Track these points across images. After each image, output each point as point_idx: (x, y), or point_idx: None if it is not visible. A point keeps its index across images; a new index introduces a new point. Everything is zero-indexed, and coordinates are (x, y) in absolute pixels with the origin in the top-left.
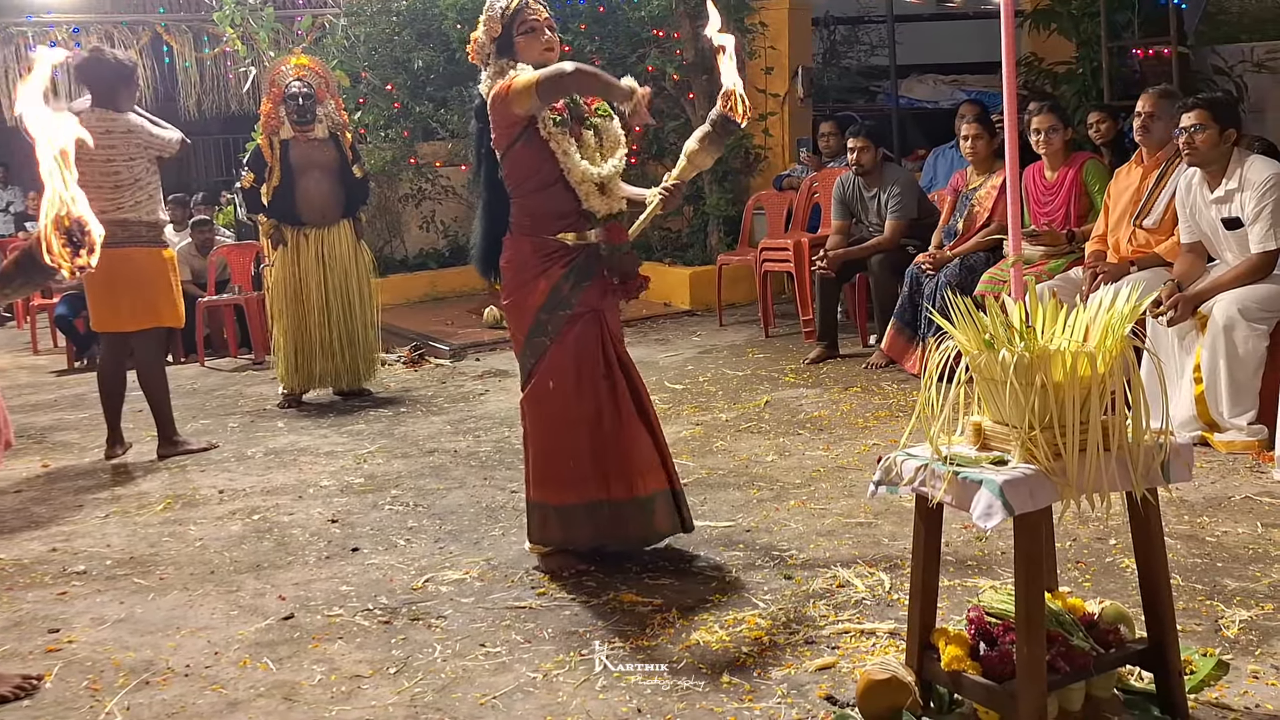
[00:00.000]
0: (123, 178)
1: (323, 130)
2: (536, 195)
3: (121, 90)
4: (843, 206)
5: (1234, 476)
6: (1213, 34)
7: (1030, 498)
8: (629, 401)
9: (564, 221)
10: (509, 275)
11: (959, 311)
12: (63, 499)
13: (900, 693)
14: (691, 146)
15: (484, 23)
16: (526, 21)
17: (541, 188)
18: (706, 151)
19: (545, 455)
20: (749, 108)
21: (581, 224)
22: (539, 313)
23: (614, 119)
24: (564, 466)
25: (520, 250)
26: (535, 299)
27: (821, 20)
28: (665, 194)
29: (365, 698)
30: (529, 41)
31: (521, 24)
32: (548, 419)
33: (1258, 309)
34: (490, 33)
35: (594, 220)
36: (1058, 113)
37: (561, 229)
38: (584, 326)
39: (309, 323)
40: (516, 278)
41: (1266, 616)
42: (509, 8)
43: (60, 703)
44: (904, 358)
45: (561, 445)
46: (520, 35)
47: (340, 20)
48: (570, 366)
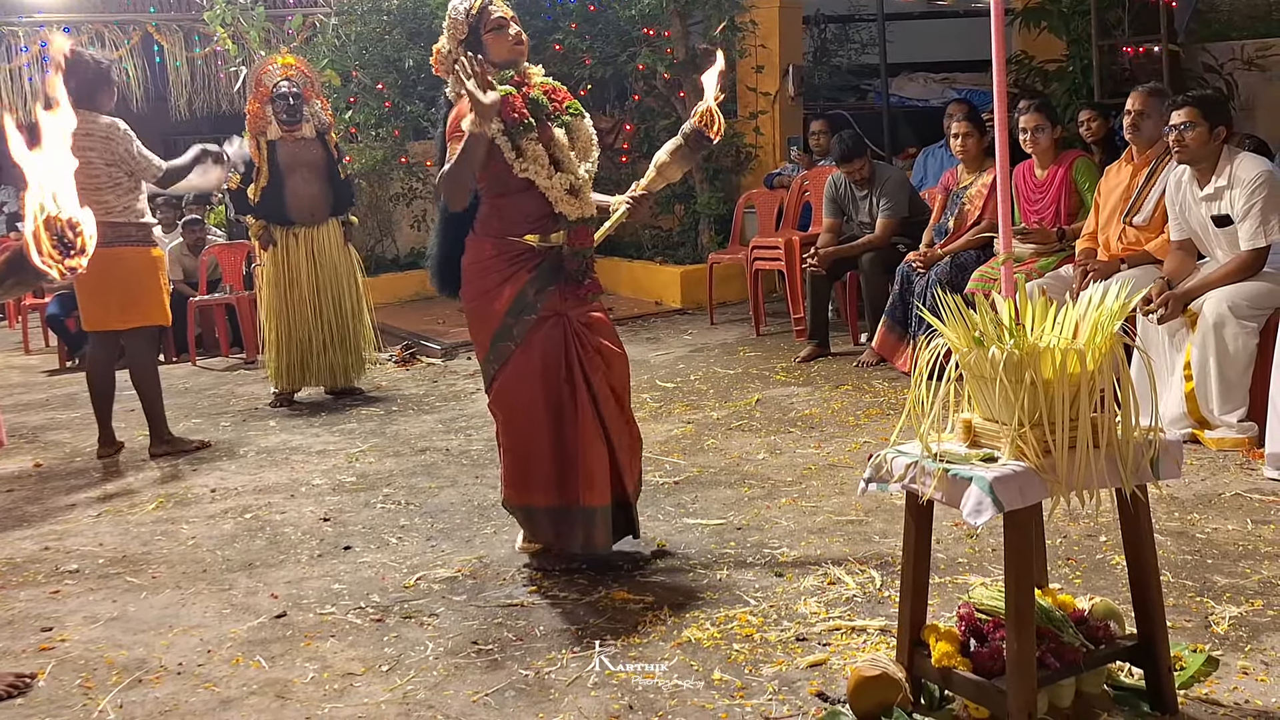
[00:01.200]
0: (102, 180)
1: (310, 130)
2: (507, 199)
3: (101, 90)
4: (834, 205)
5: (1224, 474)
6: (1203, 32)
7: (1020, 494)
8: (589, 409)
9: (532, 224)
10: (471, 279)
11: (949, 309)
12: (55, 498)
13: (891, 689)
14: (662, 158)
15: (448, 29)
16: (493, 19)
17: (512, 192)
18: (677, 164)
19: (516, 458)
20: (722, 125)
21: (549, 226)
22: (505, 318)
23: (584, 118)
24: (536, 470)
25: (483, 253)
26: (501, 304)
27: (812, 18)
28: (631, 203)
29: (357, 695)
30: (497, 38)
31: (488, 22)
32: (517, 423)
33: (1247, 306)
34: (456, 35)
35: (564, 223)
36: (1046, 111)
37: (528, 231)
38: (548, 330)
39: (299, 321)
40: (480, 282)
41: (1256, 613)
42: (472, 9)
43: (53, 701)
44: (895, 356)
45: (530, 449)
46: (488, 33)
47: (331, 19)
48: (536, 370)
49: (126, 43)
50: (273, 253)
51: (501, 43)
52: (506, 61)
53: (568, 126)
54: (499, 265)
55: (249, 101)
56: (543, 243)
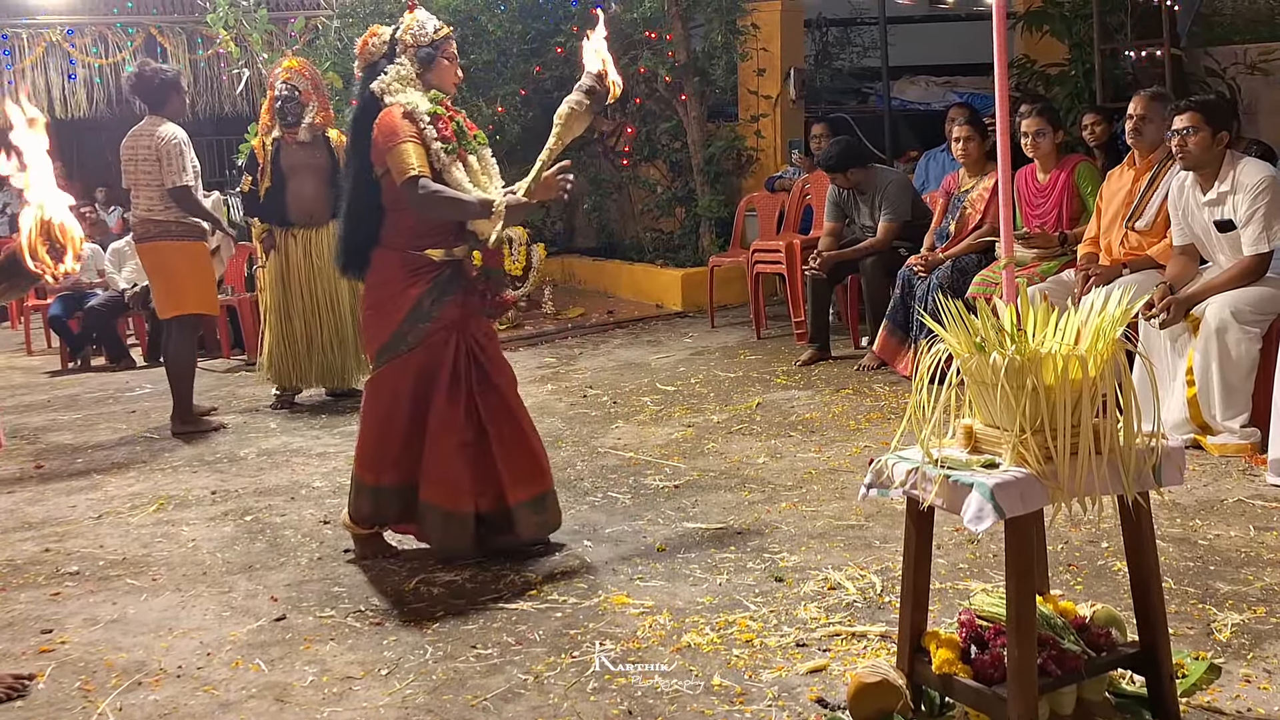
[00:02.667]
0: (152, 179)
1: (306, 133)
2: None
3: (171, 97)
4: (836, 208)
5: (1226, 479)
6: (1206, 35)
7: (1021, 501)
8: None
9: (435, 238)
10: (375, 287)
11: (950, 314)
12: (56, 500)
13: (891, 696)
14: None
15: (408, 28)
16: (450, 50)
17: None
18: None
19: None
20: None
21: (452, 241)
22: (402, 324)
23: (487, 147)
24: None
25: (388, 265)
26: (399, 313)
27: (814, 22)
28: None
29: (357, 699)
30: (448, 68)
31: (446, 51)
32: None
33: (1250, 311)
34: (417, 39)
35: (467, 238)
36: (1048, 115)
37: (431, 245)
38: (439, 339)
39: (299, 323)
40: (382, 290)
41: (1258, 620)
42: (439, 32)
43: (53, 703)
44: (896, 360)
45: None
46: (444, 59)
47: (334, 22)
48: (413, 368)
49: (129, 45)
50: (273, 254)
51: (449, 73)
52: (445, 89)
53: (478, 155)
54: (401, 276)
55: (264, 104)
56: (446, 256)
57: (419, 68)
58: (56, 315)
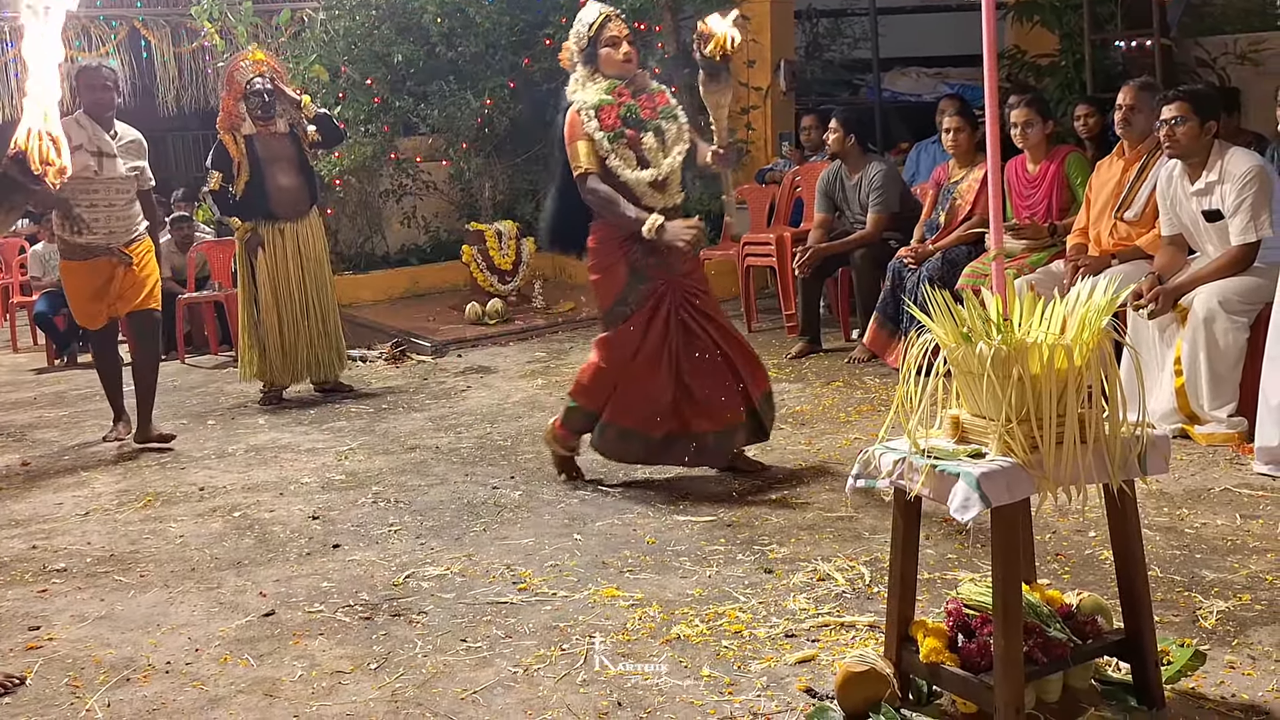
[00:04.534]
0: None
1: (283, 124)
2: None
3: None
4: (826, 199)
5: (1214, 469)
6: (1196, 26)
7: (1007, 490)
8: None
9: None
10: (597, 254)
11: (937, 305)
12: (43, 496)
13: (879, 685)
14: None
15: (573, 35)
16: (608, 36)
17: (614, 186)
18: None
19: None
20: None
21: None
22: (625, 287)
23: (677, 118)
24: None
25: (603, 234)
26: (621, 277)
27: (804, 13)
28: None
29: (346, 693)
30: (610, 54)
31: (604, 39)
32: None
33: (1238, 301)
34: (578, 44)
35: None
36: (1038, 106)
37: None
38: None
39: (288, 318)
40: (604, 258)
41: (1243, 607)
42: (594, 24)
43: (41, 700)
44: (886, 352)
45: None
46: (604, 48)
47: (319, 14)
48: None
49: (113, 38)
50: (261, 251)
51: (612, 57)
52: (616, 74)
53: (658, 129)
54: (616, 242)
55: (223, 98)
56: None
57: (589, 68)
58: (42, 312)
